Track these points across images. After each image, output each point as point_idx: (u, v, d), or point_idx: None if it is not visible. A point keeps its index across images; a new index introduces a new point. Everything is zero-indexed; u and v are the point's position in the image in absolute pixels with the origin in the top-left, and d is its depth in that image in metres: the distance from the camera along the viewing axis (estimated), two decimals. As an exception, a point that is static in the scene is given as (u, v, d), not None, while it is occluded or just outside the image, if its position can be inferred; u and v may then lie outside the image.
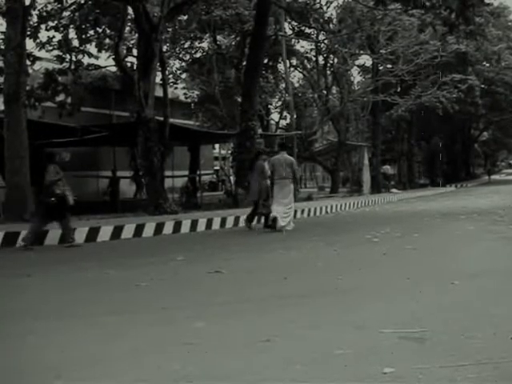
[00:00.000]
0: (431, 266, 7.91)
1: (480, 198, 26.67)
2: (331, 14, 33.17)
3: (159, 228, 13.75)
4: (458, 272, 7.11)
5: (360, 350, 4.03)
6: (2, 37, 18.16)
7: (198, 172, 24.08)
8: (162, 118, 18.73)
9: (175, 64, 32.42)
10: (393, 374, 3.46)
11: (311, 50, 35.72)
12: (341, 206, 22.25)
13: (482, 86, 46.50)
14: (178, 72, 32.66)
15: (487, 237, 11.03)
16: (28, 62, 18.58)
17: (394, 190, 35.64)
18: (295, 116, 33.24)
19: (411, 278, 6.93)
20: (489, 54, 46.36)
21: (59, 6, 21.74)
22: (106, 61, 28.23)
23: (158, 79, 20.12)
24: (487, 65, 49.32)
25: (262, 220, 14.67)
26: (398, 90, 38.51)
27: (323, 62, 35.00)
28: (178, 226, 14.20)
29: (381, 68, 35.13)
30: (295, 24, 32.44)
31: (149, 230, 13.50)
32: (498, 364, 3.60)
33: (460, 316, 4.93)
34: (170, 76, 30.36)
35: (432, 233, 12.13)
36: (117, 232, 12.88)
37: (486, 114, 52.55)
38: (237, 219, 15.84)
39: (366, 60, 39.47)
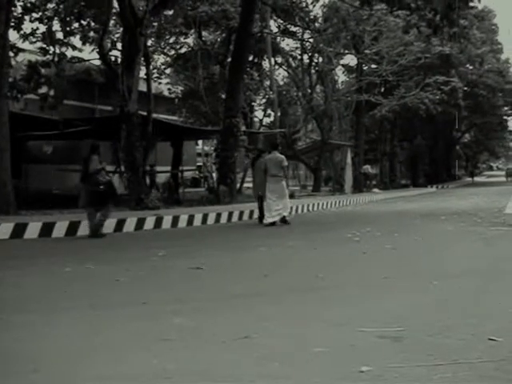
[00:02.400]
0: (411, 265, 7.96)
1: (461, 199, 26.88)
2: (317, 13, 33.31)
3: (140, 223, 13.70)
4: (437, 272, 7.16)
5: (338, 348, 4.04)
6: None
7: (181, 168, 24.02)
8: (145, 113, 18.67)
9: (160, 59, 32.34)
10: (370, 372, 3.48)
11: (296, 48, 35.83)
12: (323, 204, 22.31)
13: (465, 88, 46.89)
14: (163, 67, 32.55)
15: (467, 238, 11.12)
16: (11, 54, 18.41)
17: (375, 190, 35.81)
18: (279, 114, 33.26)
19: (390, 277, 6.96)
20: (472, 57, 46.73)
21: (44, -3, 21.60)
22: (89, 54, 28.23)
23: (142, 74, 20.06)
24: (470, 67, 49.71)
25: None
26: (382, 90, 38.73)
27: (308, 61, 35.10)
28: (159, 221, 14.16)
29: (365, 68, 35.31)
30: (281, 22, 32.50)
31: (130, 225, 13.45)
32: (475, 364, 3.63)
33: (438, 316, 4.96)
34: (155, 71, 30.24)
35: (412, 233, 12.20)
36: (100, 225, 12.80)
37: (469, 116, 53.01)
38: (218, 216, 15.85)
39: (350, 60, 39.65)
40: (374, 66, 34.48)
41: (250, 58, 30.12)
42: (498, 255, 8.76)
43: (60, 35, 23.95)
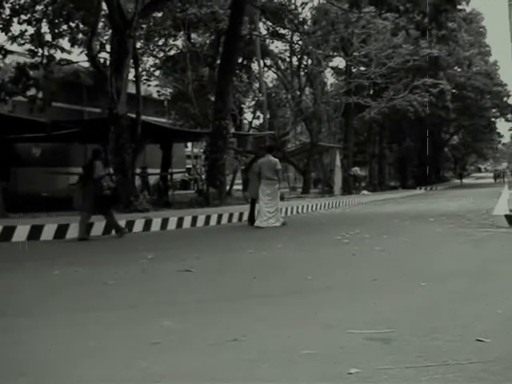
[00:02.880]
0: (400, 267, 7.98)
1: (449, 200, 26.99)
2: (306, 16, 33.38)
3: (129, 226, 13.66)
4: (426, 273, 7.18)
5: (327, 350, 4.04)
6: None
7: (170, 170, 23.98)
8: (134, 115, 18.62)
9: (149, 61, 32.28)
10: (358, 374, 3.48)
11: (285, 50, 35.90)
12: (312, 206, 22.35)
13: (453, 90, 47.16)
14: (152, 69, 32.49)
15: (456, 239, 11.16)
16: (-1, 56, 18.35)
17: (364, 192, 35.90)
18: (268, 116, 33.31)
19: (379, 278, 6.97)
20: (460, 59, 47.01)
21: (32, -1, 21.53)
22: (78, 56, 28.04)
23: (130, 76, 20.01)
24: (459, 70, 50.00)
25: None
26: (371, 92, 38.87)
27: (297, 63, 35.16)
28: (148, 224, 14.13)
29: (354, 70, 35.41)
30: (270, 24, 32.54)
31: (119, 228, 13.38)
32: (464, 365, 3.64)
33: (427, 317, 4.97)
34: (144, 73, 30.20)
35: (401, 235, 12.23)
36: (87, 229, 12.75)
37: (457, 118, 53.30)
38: (208, 218, 15.83)
39: (339, 62, 39.81)
40: (362, 68, 34.58)
41: (239, 60, 30.14)
42: (487, 257, 8.80)
43: (48, 37, 23.88)
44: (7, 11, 21.31)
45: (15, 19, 22.06)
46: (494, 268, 7.69)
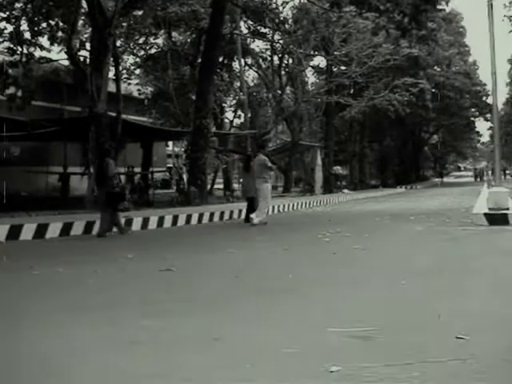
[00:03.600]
0: (380, 265, 8.01)
1: (429, 199, 27.19)
2: (287, 15, 33.38)
3: (109, 225, 13.55)
4: (407, 272, 7.22)
5: (308, 349, 4.04)
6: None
7: (151, 169, 23.90)
8: (114, 114, 18.52)
9: (129, 59, 32.11)
10: (339, 372, 3.49)
11: (266, 49, 35.89)
12: (293, 205, 22.38)
13: (433, 90, 47.47)
14: (132, 68, 32.34)
15: (435, 237, 11.24)
16: (-23, 54, 18.15)
17: (345, 191, 36.04)
18: (249, 115, 33.29)
19: (360, 277, 7.01)
20: (440, 59, 47.35)
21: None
22: (58, 54, 27.83)
23: (111, 74, 19.90)
24: (438, 69, 50.34)
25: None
26: (352, 91, 38.99)
27: (278, 62, 35.19)
28: (128, 223, 14.05)
29: (335, 69, 35.50)
30: (251, 23, 32.51)
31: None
32: (443, 362, 3.67)
33: (407, 315, 5.00)
34: (124, 71, 30.03)
35: (382, 233, 12.30)
36: (66, 229, 12.68)
37: (437, 117, 53.68)
38: (189, 217, 15.79)
39: (320, 61, 39.86)
40: (343, 67, 34.67)
41: (220, 59, 30.09)
42: (466, 254, 8.88)
43: (28, 35, 23.65)
44: (-15, 9, 21.11)
45: (-6, 17, 21.85)
46: (474, 265, 7.76)
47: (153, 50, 31.56)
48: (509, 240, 10.85)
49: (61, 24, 23.99)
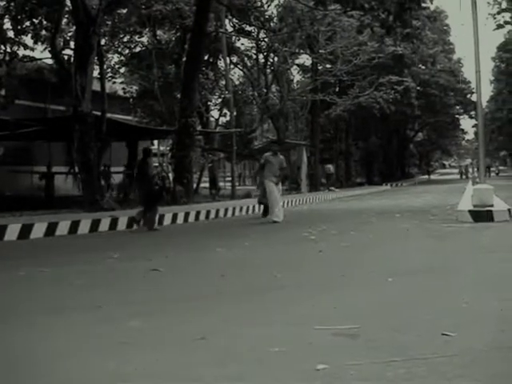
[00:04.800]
0: (366, 263, 8.04)
1: (414, 196, 27.32)
2: (272, 13, 33.37)
3: (95, 225, 13.52)
4: (393, 269, 7.25)
5: (294, 347, 4.05)
6: None
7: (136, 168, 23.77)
8: (99, 113, 18.43)
9: (114, 58, 31.92)
10: (326, 370, 3.50)
11: (252, 47, 35.82)
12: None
13: (418, 87, 47.65)
14: (117, 66, 32.15)
15: (421, 235, 11.30)
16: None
17: (331, 189, 36.12)
18: (235, 113, 33.24)
19: (346, 275, 7.02)
20: (425, 57, 47.53)
21: (-7, -5, 21.14)
22: (41, 53, 27.59)
23: (95, 73, 19.79)
24: (423, 67, 50.53)
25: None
26: (337, 89, 39.06)
27: (263, 60, 35.16)
28: (114, 222, 14.00)
29: (320, 68, 35.54)
30: (236, 21, 32.46)
31: (84, 227, 13.25)
32: (429, 359, 3.69)
33: (393, 312, 5.02)
34: (109, 70, 29.86)
35: (367, 231, 12.33)
36: (51, 229, 12.60)
37: (421, 115, 53.90)
38: (175, 216, 15.75)
39: (305, 59, 39.86)
40: (328, 65, 34.74)
41: (205, 58, 30.01)
42: (451, 251, 8.93)
43: (11, 34, 23.48)
44: (-32, 7, 20.93)
45: (-24, 15, 21.68)
46: (459, 262, 7.82)
47: (137, 49, 31.40)
48: (493, 237, 10.93)
49: (44, 22, 23.83)
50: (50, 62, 26.46)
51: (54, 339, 4.47)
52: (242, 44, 36.96)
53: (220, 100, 37.46)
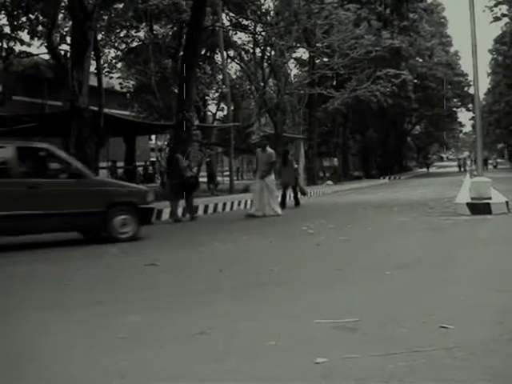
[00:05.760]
0: (364, 256, 8.05)
1: (412, 190, 27.31)
2: (268, 7, 33.28)
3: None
4: (391, 262, 7.25)
5: (294, 341, 4.06)
6: None
7: (134, 163, 23.79)
8: (96, 108, 18.38)
9: (110, 53, 31.86)
10: (325, 363, 3.50)
11: (248, 41, 35.74)
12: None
13: (415, 80, 47.59)
14: (114, 61, 32.09)
15: (419, 228, 11.30)
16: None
17: (329, 182, 36.10)
18: (232, 108, 33.21)
19: (344, 268, 7.03)
20: (422, 50, 47.44)
21: (-11, -9, 21.07)
22: (38, 48, 27.55)
23: (92, 68, 19.73)
24: (420, 60, 50.46)
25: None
26: (334, 83, 38.97)
27: (260, 54, 35.08)
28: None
29: (317, 61, 35.46)
30: (233, 15, 32.39)
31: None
32: (428, 352, 3.69)
33: (392, 306, 5.03)
34: (105, 65, 29.82)
35: (365, 224, 12.33)
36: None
37: (419, 108, 53.83)
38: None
39: (302, 53, 39.77)
40: (325, 59, 34.66)
41: (202, 52, 29.95)
42: (449, 244, 8.93)
43: (7, 29, 23.41)
44: (-36, 3, 20.86)
45: (-28, 11, 21.62)
46: (457, 255, 7.82)
47: (134, 44, 31.34)
48: (491, 229, 10.93)
49: (41, 18, 23.76)
50: (47, 57, 26.41)
51: (52, 335, 4.47)
52: (239, 38, 36.96)
53: (217, 94, 37.43)
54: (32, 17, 23.51)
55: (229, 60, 36.02)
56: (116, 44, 31.22)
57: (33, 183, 9.87)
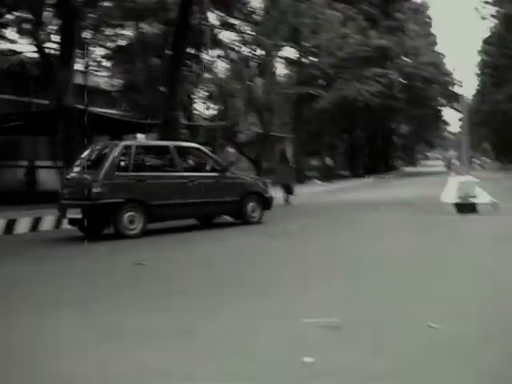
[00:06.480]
0: (352, 256, 8.07)
1: (399, 188, 27.44)
2: (256, 5, 33.27)
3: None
4: (378, 261, 7.30)
5: (281, 340, 4.07)
6: None
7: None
8: (82, 107, 18.30)
9: (97, 51, 31.69)
10: (312, 363, 3.52)
11: (236, 40, 35.71)
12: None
13: (402, 80, 47.69)
14: (100, 59, 31.94)
15: (406, 226, 11.38)
16: None
17: (316, 181, 36.18)
18: (220, 107, 33.18)
19: (331, 268, 7.06)
20: (408, 49, 47.58)
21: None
22: (24, 46, 27.31)
23: (79, 66, 19.64)
24: (407, 60, 50.58)
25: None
26: (322, 82, 39.02)
27: (248, 53, 35.06)
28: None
29: (305, 60, 35.51)
30: (220, 14, 32.34)
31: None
32: (415, 351, 3.72)
33: (378, 304, 5.06)
34: (92, 63, 29.67)
35: (352, 223, 12.38)
36: (36, 223, 12.55)
37: (405, 107, 53.94)
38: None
39: (291, 52, 39.78)
40: (313, 58, 34.71)
41: (189, 51, 29.88)
42: (435, 243, 8.99)
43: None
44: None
45: (-43, 9, 21.43)
46: (443, 254, 7.87)
47: (121, 42, 31.22)
48: (477, 228, 11.01)
49: (27, 15, 23.61)
50: (33, 55, 26.23)
51: (37, 335, 4.48)
52: (225, 37, 36.88)
53: (204, 93, 37.37)
54: (18, 14, 23.35)
55: (216, 58, 35.98)
56: (103, 42, 31.08)
57: (192, 177, 11.96)
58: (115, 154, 11.12)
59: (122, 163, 11.23)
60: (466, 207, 13.07)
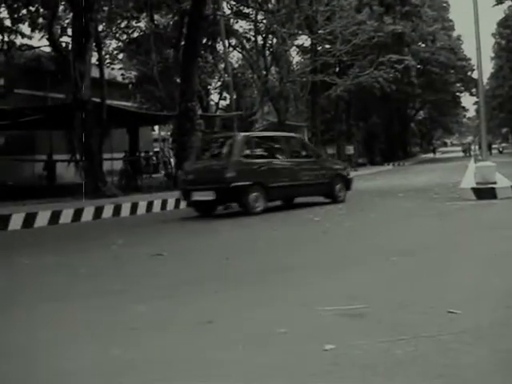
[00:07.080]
0: (370, 243, 8.03)
1: (417, 175, 27.28)
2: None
3: (98, 212, 13.56)
4: (396, 248, 7.25)
5: (302, 328, 4.06)
6: None
7: (138, 154, 23.80)
8: (99, 100, 18.38)
9: (112, 44, 31.81)
10: (333, 350, 3.50)
11: (250, 29, 35.62)
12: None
13: (418, 66, 47.42)
14: (115, 52, 32.06)
15: (424, 213, 11.29)
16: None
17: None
18: (235, 96, 33.14)
19: (350, 255, 7.03)
20: (424, 35, 47.26)
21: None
22: (39, 41, 27.57)
23: (94, 60, 19.71)
24: (423, 45, 50.24)
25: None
26: (337, 70, 38.87)
27: (262, 42, 34.95)
28: (117, 209, 14.02)
29: (319, 48, 35.34)
30: (234, 3, 32.26)
31: (88, 215, 13.29)
32: (436, 337, 3.69)
33: (398, 291, 5.02)
34: (107, 56, 29.79)
35: (371, 211, 12.32)
36: (55, 217, 12.63)
37: (422, 93, 53.63)
38: (177, 201, 15.73)
39: (304, 40, 39.62)
40: (328, 46, 34.54)
41: (204, 41, 29.86)
42: (454, 229, 8.92)
43: (8, 22, 23.38)
44: (-36, -3, 20.80)
45: (-27, 5, 21.56)
46: (461, 240, 7.81)
47: (135, 34, 31.28)
48: (496, 214, 10.92)
49: (41, 10, 23.72)
50: (48, 49, 26.38)
51: (60, 326, 4.48)
52: (241, 26, 36.80)
53: (220, 83, 37.36)
54: (32, 9, 23.46)
55: (230, 48, 35.93)
56: (117, 35, 31.16)
57: (297, 162, 14.13)
58: (239, 143, 13.01)
59: (246, 151, 13.08)
60: (485, 192, 12.95)
